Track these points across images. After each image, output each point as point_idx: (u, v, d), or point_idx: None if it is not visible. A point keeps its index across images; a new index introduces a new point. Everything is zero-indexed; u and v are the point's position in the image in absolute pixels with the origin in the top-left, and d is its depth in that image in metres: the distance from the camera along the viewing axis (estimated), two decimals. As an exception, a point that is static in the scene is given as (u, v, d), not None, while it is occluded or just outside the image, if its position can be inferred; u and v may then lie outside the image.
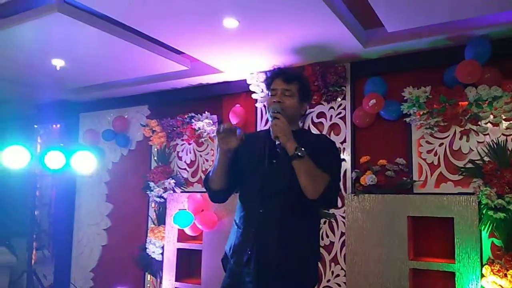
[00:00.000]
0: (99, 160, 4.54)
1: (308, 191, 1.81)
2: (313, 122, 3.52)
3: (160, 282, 4.03)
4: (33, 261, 4.61)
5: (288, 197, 1.87)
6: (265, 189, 1.89)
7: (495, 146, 2.86)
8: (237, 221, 1.99)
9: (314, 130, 3.48)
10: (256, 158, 1.94)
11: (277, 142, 1.84)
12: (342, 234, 3.29)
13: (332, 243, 3.35)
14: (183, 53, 3.40)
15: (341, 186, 3.34)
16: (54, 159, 4.14)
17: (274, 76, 2.01)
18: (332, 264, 3.33)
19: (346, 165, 3.34)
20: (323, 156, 1.87)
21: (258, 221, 1.90)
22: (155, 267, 4.10)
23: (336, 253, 3.32)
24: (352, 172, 3.30)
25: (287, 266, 1.86)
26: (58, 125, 4.97)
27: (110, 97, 4.61)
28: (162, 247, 4.02)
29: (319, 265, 3.35)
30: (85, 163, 4.29)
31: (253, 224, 1.91)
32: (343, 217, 3.28)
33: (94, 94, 4.50)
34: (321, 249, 3.36)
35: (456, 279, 2.78)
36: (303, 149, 1.78)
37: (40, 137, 5.15)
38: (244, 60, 3.38)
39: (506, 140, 2.85)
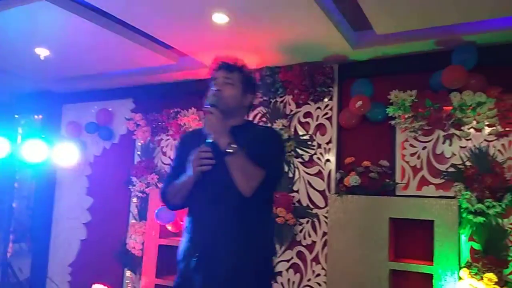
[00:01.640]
0: (81, 152, 4.47)
1: (242, 187, 1.74)
2: (299, 122, 3.52)
3: (140, 279, 3.99)
4: (8, 254, 4.52)
5: (232, 197, 1.77)
6: (208, 191, 1.82)
7: (477, 151, 2.91)
8: (187, 225, 1.91)
9: (300, 130, 3.49)
10: None
11: (208, 140, 1.76)
12: (324, 234, 3.30)
13: (314, 242, 3.36)
14: (171, 47, 3.37)
15: (325, 186, 3.36)
16: (35, 151, 4.06)
17: (217, 68, 1.96)
18: (313, 263, 3.34)
19: (331, 165, 3.36)
20: (261, 150, 1.81)
21: (205, 225, 1.83)
22: (135, 263, 4.05)
23: (317, 253, 3.33)
24: (336, 172, 3.31)
25: (235, 269, 1.78)
26: (40, 116, 4.86)
27: (95, 89, 4.53)
28: (143, 243, 3.98)
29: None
30: (66, 155, 4.23)
31: (200, 228, 1.84)
32: (326, 217, 3.29)
33: (78, 85, 4.41)
34: (303, 248, 3.37)
35: (434, 281, 2.81)
36: (235, 145, 1.71)
37: (21, 128, 5.04)
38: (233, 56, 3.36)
39: (488, 146, 2.90)
